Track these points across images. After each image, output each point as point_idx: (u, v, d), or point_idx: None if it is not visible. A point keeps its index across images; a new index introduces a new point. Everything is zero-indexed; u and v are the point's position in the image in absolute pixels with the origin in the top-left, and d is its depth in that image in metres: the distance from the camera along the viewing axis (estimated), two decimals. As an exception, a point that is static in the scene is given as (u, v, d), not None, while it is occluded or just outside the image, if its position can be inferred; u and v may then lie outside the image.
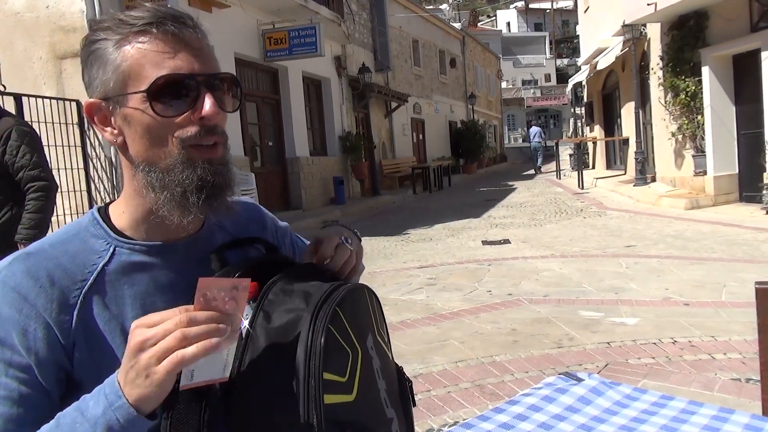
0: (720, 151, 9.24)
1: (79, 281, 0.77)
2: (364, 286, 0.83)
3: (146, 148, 0.79)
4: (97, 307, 0.77)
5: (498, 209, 11.24)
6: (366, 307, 0.82)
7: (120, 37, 0.77)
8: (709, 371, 2.94)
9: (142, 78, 0.76)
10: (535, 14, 54.33)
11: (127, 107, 0.78)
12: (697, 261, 5.52)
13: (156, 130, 0.77)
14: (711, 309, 3.97)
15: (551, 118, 47.18)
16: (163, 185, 0.78)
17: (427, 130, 22.02)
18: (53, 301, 0.75)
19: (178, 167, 0.77)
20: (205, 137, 0.78)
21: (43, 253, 0.78)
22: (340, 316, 0.73)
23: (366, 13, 16.84)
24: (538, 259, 6.14)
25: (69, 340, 0.75)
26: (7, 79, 6.55)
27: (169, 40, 0.76)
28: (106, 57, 0.78)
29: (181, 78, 0.76)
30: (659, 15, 9.78)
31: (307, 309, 0.73)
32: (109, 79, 0.78)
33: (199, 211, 0.78)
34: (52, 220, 3.10)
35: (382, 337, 0.84)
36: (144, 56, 0.76)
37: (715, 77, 9.23)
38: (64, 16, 7.46)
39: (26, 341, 0.73)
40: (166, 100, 0.76)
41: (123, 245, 0.81)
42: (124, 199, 0.84)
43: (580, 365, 3.12)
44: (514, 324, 3.95)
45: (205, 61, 0.78)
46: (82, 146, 7.41)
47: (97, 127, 0.83)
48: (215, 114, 0.77)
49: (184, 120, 0.77)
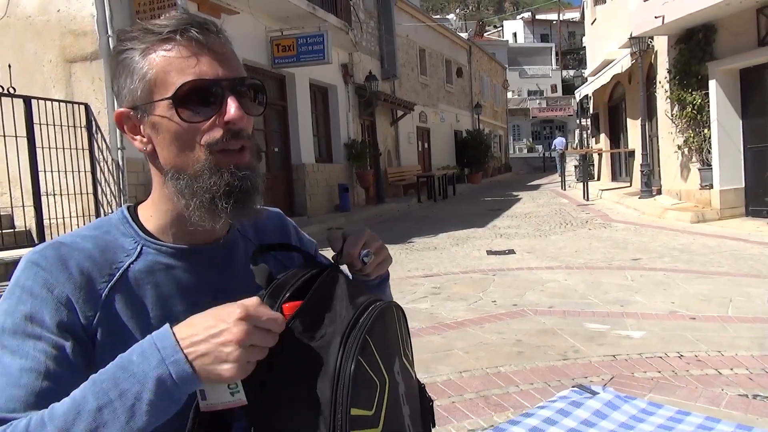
0: (726, 165, 9.21)
1: (106, 275, 0.78)
2: (393, 304, 0.81)
3: (174, 155, 0.80)
4: (121, 303, 0.78)
5: (503, 219, 11.23)
6: (394, 328, 0.80)
7: (146, 46, 0.79)
8: (716, 386, 2.91)
9: (168, 85, 0.77)
10: (542, 25, 54.50)
11: (154, 115, 0.79)
12: (704, 275, 5.49)
13: (183, 136, 0.78)
14: (717, 323, 3.94)
15: (556, 128, 47.16)
16: (192, 192, 0.78)
17: (432, 138, 22.06)
18: (81, 290, 0.76)
19: (205, 173, 0.78)
20: (231, 142, 0.78)
21: (75, 244, 0.79)
22: (370, 345, 0.72)
23: (374, 21, 16.92)
24: (543, 270, 6.12)
25: (92, 329, 0.75)
26: (17, 81, 6.58)
27: (192, 47, 0.77)
28: (133, 66, 0.79)
29: (205, 83, 0.77)
30: (667, 28, 9.79)
31: (336, 335, 0.71)
32: (136, 88, 0.79)
33: (228, 216, 0.79)
34: (58, 222, 3.10)
35: (408, 358, 0.83)
36: (169, 64, 0.77)
37: (722, 91, 9.22)
38: (75, 20, 7.51)
39: (57, 319, 0.73)
40: (192, 106, 0.77)
41: (150, 245, 0.83)
42: (153, 204, 0.86)
43: (586, 378, 3.10)
44: (519, 335, 3.93)
45: (229, 66, 0.79)
46: (89, 149, 7.44)
47: (127, 135, 0.84)
48: (240, 118, 0.77)
49: (210, 125, 0.78)
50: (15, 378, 0.69)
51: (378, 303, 0.77)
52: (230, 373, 0.65)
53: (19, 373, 0.69)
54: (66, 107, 7.18)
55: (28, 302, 0.73)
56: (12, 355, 0.71)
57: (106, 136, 7.47)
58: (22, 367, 0.70)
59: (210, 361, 0.65)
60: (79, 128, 7.32)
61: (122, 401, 0.63)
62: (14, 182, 6.49)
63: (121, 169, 7.46)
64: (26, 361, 0.70)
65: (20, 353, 0.71)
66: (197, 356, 0.65)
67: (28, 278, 0.75)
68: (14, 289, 0.75)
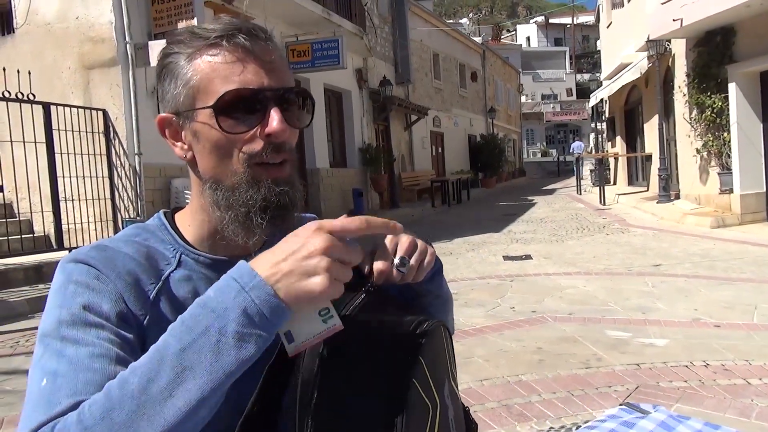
0: (747, 169, 9.07)
1: (153, 277, 0.76)
2: (441, 323, 0.77)
3: (213, 164, 0.77)
4: (166, 308, 0.75)
5: (518, 224, 11.14)
6: (443, 349, 0.77)
7: (192, 50, 0.76)
8: (745, 397, 2.84)
9: (211, 92, 0.74)
10: (556, 29, 54.35)
11: (196, 122, 0.76)
12: (726, 281, 5.39)
13: (223, 146, 0.75)
14: (743, 332, 3.86)
15: (571, 132, 46.93)
16: (228, 204, 0.76)
17: (446, 143, 22.02)
18: (131, 288, 0.73)
19: (242, 186, 0.75)
20: (272, 155, 0.75)
21: (118, 248, 0.77)
22: (423, 365, 0.69)
23: (388, 26, 16.94)
24: (562, 276, 6.05)
25: (143, 329, 0.72)
26: (37, 88, 6.66)
27: (239, 53, 0.74)
28: (177, 71, 0.77)
29: (248, 93, 0.74)
30: (685, 31, 9.68)
31: (386, 357, 0.68)
32: (179, 93, 0.77)
33: (263, 232, 0.76)
34: (76, 227, 3.12)
35: (455, 380, 0.80)
36: (213, 70, 0.75)
37: (742, 94, 9.09)
38: (93, 27, 7.59)
39: (116, 310, 0.71)
40: (233, 116, 0.74)
41: (189, 255, 0.80)
42: (191, 213, 0.83)
43: (610, 387, 3.04)
44: (539, 342, 3.87)
45: (275, 75, 0.76)
46: (107, 155, 7.50)
47: (168, 141, 0.82)
48: (282, 131, 0.74)
49: (251, 137, 0.75)
50: (86, 364, 0.64)
51: (426, 324, 0.73)
52: (321, 287, 0.59)
53: (89, 360, 0.65)
54: (84, 113, 7.25)
55: (85, 294, 0.70)
56: (76, 345, 0.66)
57: (124, 141, 7.52)
58: (91, 353, 0.65)
59: (296, 279, 0.60)
60: (97, 134, 7.39)
61: (206, 338, 0.59)
62: (33, 187, 6.56)
63: (138, 174, 7.50)
64: (94, 348, 0.66)
65: (84, 342, 0.67)
66: (281, 276, 0.60)
67: (81, 274, 0.72)
68: (66, 285, 0.72)
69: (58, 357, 0.66)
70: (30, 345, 4.33)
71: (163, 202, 7.86)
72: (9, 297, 5.51)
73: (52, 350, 0.67)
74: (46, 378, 0.64)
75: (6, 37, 8.21)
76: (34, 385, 0.65)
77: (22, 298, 5.46)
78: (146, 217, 7.35)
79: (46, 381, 0.64)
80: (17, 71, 6.41)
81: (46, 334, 0.69)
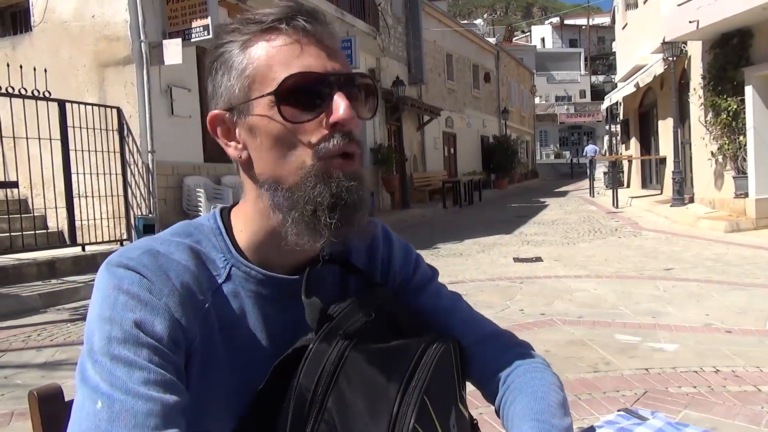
0: (763, 173, 8.96)
1: (206, 291, 0.70)
2: (452, 340, 0.74)
3: (273, 161, 0.69)
4: (211, 328, 0.70)
5: (529, 226, 11.09)
6: (451, 371, 0.73)
7: (247, 37, 0.69)
8: (755, 404, 2.80)
9: (270, 80, 0.68)
10: (571, 30, 54.02)
11: (252, 115, 0.69)
12: (739, 286, 5.33)
13: (285, 138, 0.68)
14: (755, 338, 3.81)
15: (585, 135, 46.62)
16: (291, 204, 0.69)
17: (458, 144, 21.97)
18: (184, 306, 0.67)
19: (310, 181, 0.68)
20: (341, 146, 0.68)
21: (171, 254, 0.70)
22: (427, 405, 0.65)
23: (401, 26, 16.93)
24: (572, 279, 6.01)
25: (190, 351, 0.67)
26: (53, 85, 6.75)
27: (300, 37, 0.68)
28: (231, 61, 0.70)
29: (313, 77, 0.67)
30: (701, 33, 9.58)
31: (388, 393, 0.65)
32: (233, 86, 0.70)
33: (331, 234, 0.68)
34: (89, 223, 3.15)
35: (463, 401, 0.76)
36: (272, 56, 0.68)
37: (759, 97, 8.98)
38: (109, 26, 7.67)
39: (168, 331, 0.65)
40: (297, 103, 0.67)
41: (240, 267, 0.73)
42: (244, 218, 0.75)
43: (618, 391, 3.01)
44: (547, 345, 3.85)
45: (339, 60, 0.70)
46: (120, 152, 7.57)
47: (220, 141, 0.74)
48: (350, 119, 0.67)
49: (316, 125, 0.68)
50: (142, 392, 0.60)
51: (433, 349, 0.70)
52: None
53: (145, 387, 0.60)
54: (99, 111, 7.33)
55: (137, 309, 0.64)
56: (129, 368, 0.61)
57: (137, 139, 7.59)
58: (146, 379, 0.61)
59: None
60: (111, 131, 7.47)
61: None
62: (48, 184, 6.63)
63: (151, 172, 7.57)
64: (149, 374, 0.61)
65: (137, 365, 0.61)
66: None
67: (132, 284, 0.65)
68: (116, 294, 0.65)
69: (111, 378, 0.60)
70: (42, 339, 4.38)
71: (175, 200, 7.92)
72: (22, 291, 5.58)
73: (103, 369, 0.61)
74: (101, 401, 0.59)
75: (24, 35, 8.31)
76: (88, 405, 0.60)
77: (35, 293, 5.53)
78: (158, 215, 7.44)
79: (101, 404, 0.59)
80: (34, 69, 6.50)
81: (95, 350, 0.63)
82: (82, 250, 6.77)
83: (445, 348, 0.72)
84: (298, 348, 0.69)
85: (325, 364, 0.66)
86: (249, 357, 0.72)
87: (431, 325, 0.84)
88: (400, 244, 0.92)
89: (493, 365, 0.83)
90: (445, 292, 0.91)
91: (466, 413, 0.76)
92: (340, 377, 0.65)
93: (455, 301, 0.90)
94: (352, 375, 0.66)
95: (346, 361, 0.66)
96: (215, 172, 8.56)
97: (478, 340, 0.85)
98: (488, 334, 0.87)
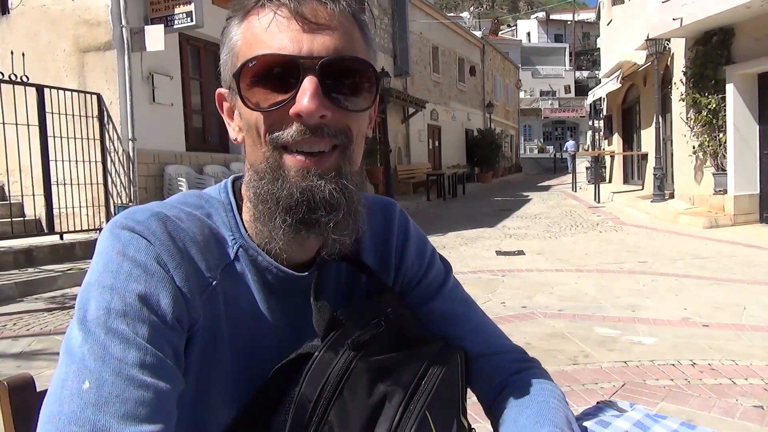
0: (741, 171, 9.09)
1: (213, 268, 0.65)
2: (459, 350, 0.72)
3: (249, 147, 0.66)
4: (214, 311, 0.65)
5: (512, 219, 11.15)
6: (456, 381, 0.71)
7: (243, 12, 0.65)
8: (730, 397, 2.85)
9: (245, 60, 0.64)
10: (556, 25, 54.20)
11: (237, 96, 0.65)
12: (716, 282, 5.41)
13: (253, 125, 0.64)
14: (731, 332, 3.87)
15: (568, 130, 46.93)
16: (259, 197, 0.65)
17: (443, 137, 21.99)
18: (190, 282, 0.62)
19: (267, 176, 0.63)
20: (306, 140, 0.62)
21: (180, 221, 0.65)
22: (429, 420, 0.63)
23: (387, 18, 16.86)
24: (553, 272, 6.05)
25: (190, 334, 0.63)
26: (31, 70, 6.60)
27: (283, 13, 0.62)
28: (229, 36, 0.66)
29: (276, 60, 0.61)
30: (684, 30, 9.67)
31: (390, 408, 0.63)
32: (226, 62, 0.67)
33: (284, 237, 0.64)
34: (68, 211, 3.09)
35: (464, 411, 0.74)
36: (254, 34, 0.63)
37: (739, 95, 9.10)
38: (89, 10, 7.52)
39: (173, 307, 0.60)
40: (261, 89, 0.62)
41: (248, 251, 0.68)
42: (247, 198, 0.70)
43: (596, 384, 3.04)
44: (528, 338, 3.87)
45: (323, 40, 0.62)
46: (100, 140, 7.45)
47: (225, 120, 0.71)
48: (313, 110, 0.60)
49: (280, 116, 0.62)
50: (134, 375, 0.55)
51: (438, 366, 0.68)
52: None
53: (140, 370, 0.55)
54: (78, 97, 7.20)
55: (142, 280, 0.58)
56: (125, 345, 0.56)
57: (118, 126, 7.47)
58: (141, 361, 0.55)
59: None
60: (90, 118, 7.34)
61: None
62: (25, 171, 6.50)
63: (132, 160, 7.46)
64: (145, 355, 0.56)
65: (135, 344, 0.56)
66: None
67: (139, 250, 0.60)
68: (118, 259, 0.59)
69: (103, 354, 0.55)
70: (18, 329, 4.31)
71: (156, 189, 7.82)
72: (-2, 280, 5.49)
73: (96, 342, 0.56)
74: (88, 380, 0.54)
75: (1, 18, 8.12)
76: (73, 382, 0.54)
77: (11, 282, 5.43)
78: (139, 203, 7.34)
79: (89, 385, 0.54)
80: (11, 52, 6.35)
81: (89, 320, 0.57)
82: (60, 239, 6.66)
83: (453, 361, 0.70)
84: (302, 354, 0.65)
85: (329, 375, 0.62)
86: (250, 344, 0.68)
87: (440, 329, 0.80)
88: (417, 237, 0.85)
89: (499, 379, 0.80)
90: (458, 296, 0.85)
91: (465, 423, 0.74)
92: (344, 389, 0.62)
93: (468, 308, 0.85)
94: (356, 387, 0.63)
95: (351, 373, 0.63)
96: (197, 161, 8.46)
97: (487, 352, 0.81)
98: (498, 347, 0.83)
